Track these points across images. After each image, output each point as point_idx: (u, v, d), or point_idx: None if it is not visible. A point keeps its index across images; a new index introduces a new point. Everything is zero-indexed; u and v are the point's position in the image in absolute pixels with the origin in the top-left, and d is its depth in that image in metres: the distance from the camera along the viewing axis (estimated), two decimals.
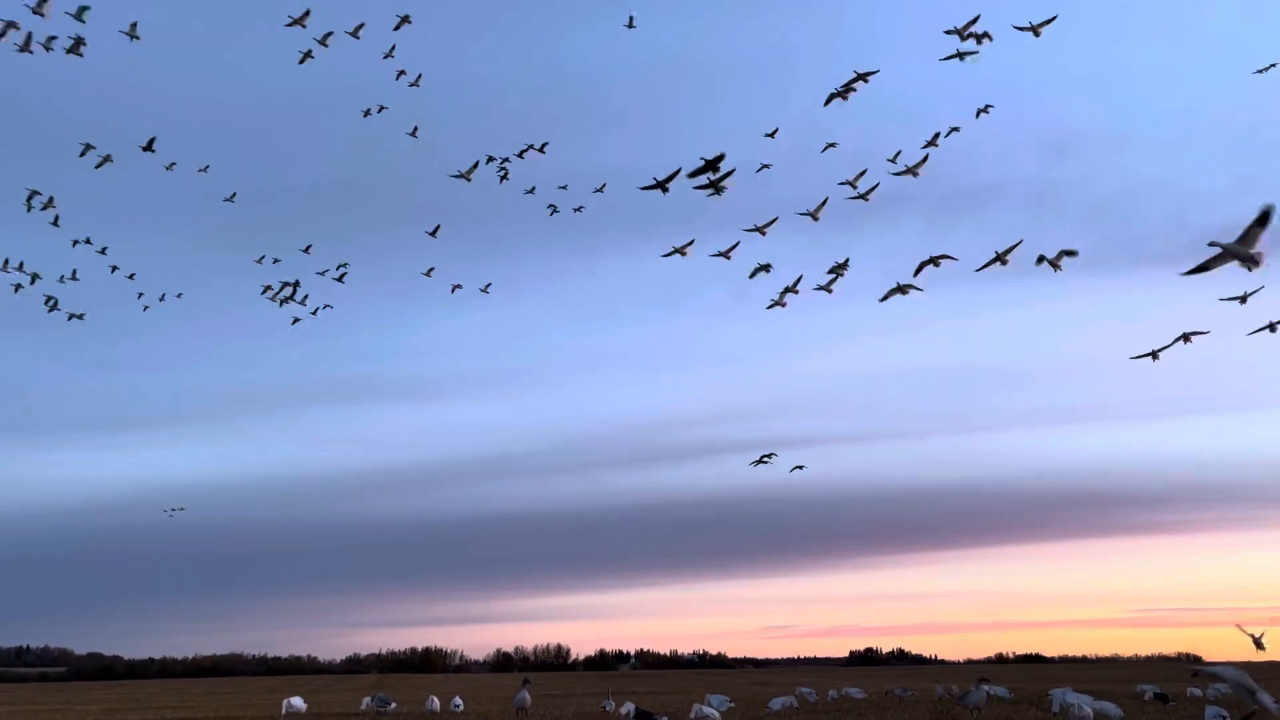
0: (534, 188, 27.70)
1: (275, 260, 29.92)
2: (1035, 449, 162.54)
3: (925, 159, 17.81)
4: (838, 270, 22.26)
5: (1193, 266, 9.58)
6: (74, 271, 29.38)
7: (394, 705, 23.50)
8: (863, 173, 17.63)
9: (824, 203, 18.97)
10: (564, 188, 28.23)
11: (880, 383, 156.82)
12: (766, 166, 23.92)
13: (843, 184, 18.95)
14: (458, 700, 24.77)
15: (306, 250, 30.14)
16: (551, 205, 28.00)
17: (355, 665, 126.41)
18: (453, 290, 33.16)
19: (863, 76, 16.57)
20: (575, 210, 28.46)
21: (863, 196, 18.89)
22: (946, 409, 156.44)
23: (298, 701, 23.90)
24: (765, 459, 22.54)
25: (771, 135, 22.39)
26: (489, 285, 33.19)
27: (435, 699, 24.11)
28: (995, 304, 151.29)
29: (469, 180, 24.78)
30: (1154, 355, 11.92)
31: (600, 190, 27.81)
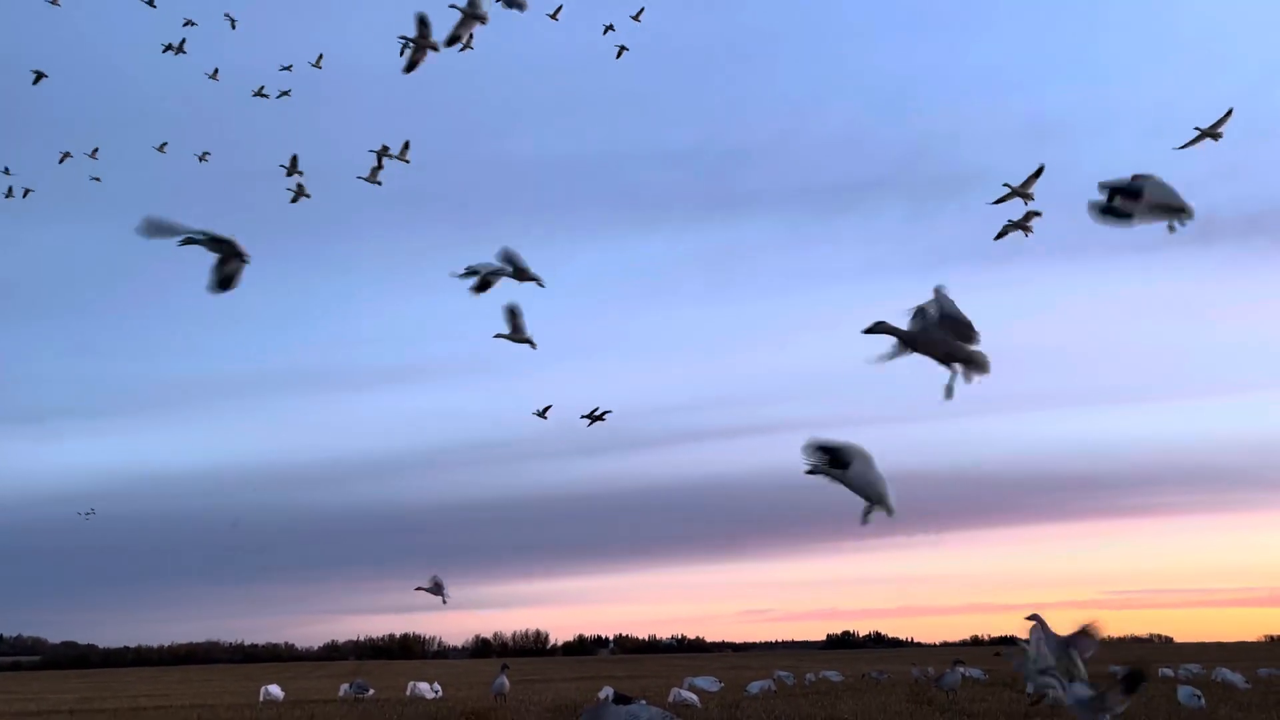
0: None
1: None
2: (1010, 433, 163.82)
3: None
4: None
5: None
6: None
7: (372, 691, 23.44)
8: None
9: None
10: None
11: (858, 368, 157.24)
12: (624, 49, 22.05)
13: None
14: (436, 686, 24.79)
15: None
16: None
17: (333, 652, 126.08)
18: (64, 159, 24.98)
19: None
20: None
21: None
22: (923, 394, 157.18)
23: (275, 689, 23.78)
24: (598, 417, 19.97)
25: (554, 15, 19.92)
26: None
27: (424, 684, 24.09)
28: (976, 289, 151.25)
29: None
30: (1024, 229, 10.95)
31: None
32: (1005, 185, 10.51)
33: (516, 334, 9.50)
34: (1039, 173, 10.47)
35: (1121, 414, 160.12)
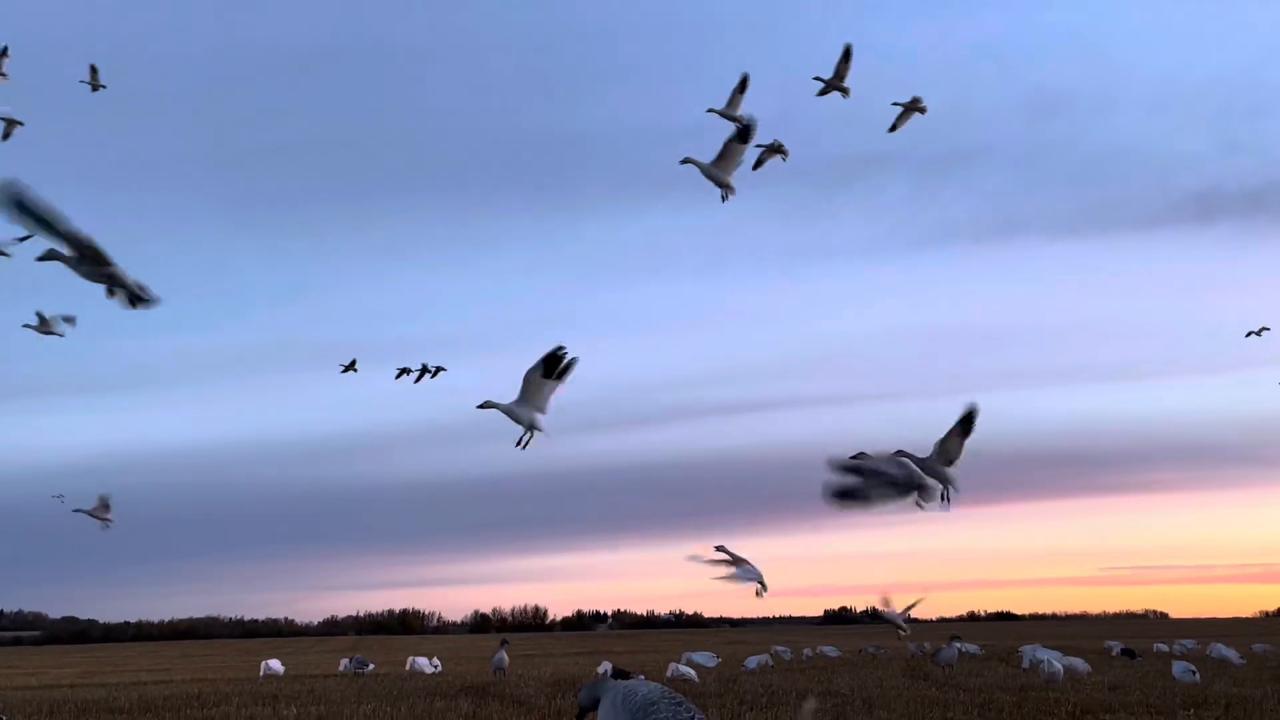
0: None
1: None
2: (1008, 410, 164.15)
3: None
4: None
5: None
6: None
7: (371, 667, 23.54)
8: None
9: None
10: None
11: (858, 344, 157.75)
12: None
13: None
14: (435, 661, 24.92)
15: None
16: None
17: (333, 627, 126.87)
18: None
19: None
20: None
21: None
22: (923, 370, 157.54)
23: (275, 664, 23.89)
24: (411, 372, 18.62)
25: None
26: None
27: (423, 659, 24.18)
28: (977, 266, 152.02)
29: None
30: (779, 153, 10.34)
31: None
32: (710, 110, 10.11)
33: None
34: (743, 85, 10.01)
35: (1118, 391, 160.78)
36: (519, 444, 7.36)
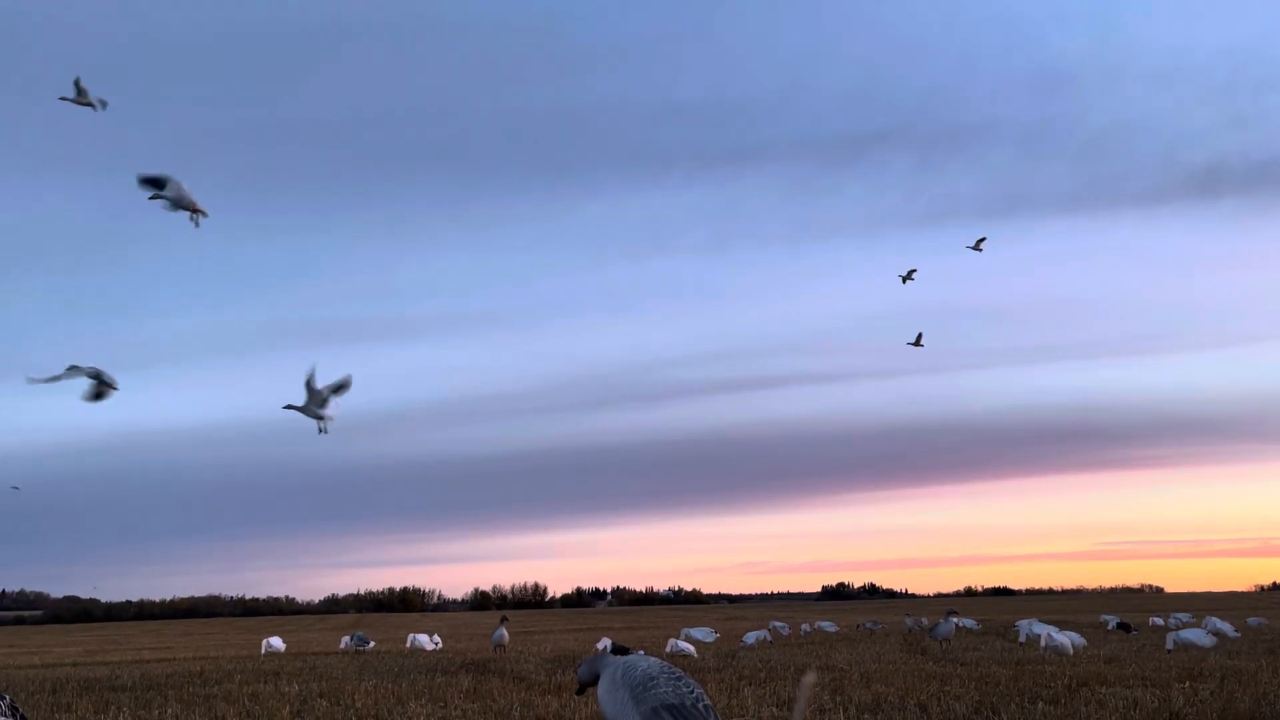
0: None
1: None
2: (1005, 386, 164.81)
3: None
4: None
5: None
6: None
7: (372, 644, 23.68)
8: None
9: None
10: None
11: (855, 322, 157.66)
12: None
13: None
14: (436, 638, 25.05)
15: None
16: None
17: (333, 605, 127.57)
18: None
19: None
20: None
21: None
22: (926, 348, 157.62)
23: (277, 642, 24.02)
24: None
25: None
26: None
27: (424, 636, 24.32)
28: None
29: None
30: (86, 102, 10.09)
31: None
32: (61, 98, 9.83)
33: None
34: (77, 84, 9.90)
35: (1119, 366, 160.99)
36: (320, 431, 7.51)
